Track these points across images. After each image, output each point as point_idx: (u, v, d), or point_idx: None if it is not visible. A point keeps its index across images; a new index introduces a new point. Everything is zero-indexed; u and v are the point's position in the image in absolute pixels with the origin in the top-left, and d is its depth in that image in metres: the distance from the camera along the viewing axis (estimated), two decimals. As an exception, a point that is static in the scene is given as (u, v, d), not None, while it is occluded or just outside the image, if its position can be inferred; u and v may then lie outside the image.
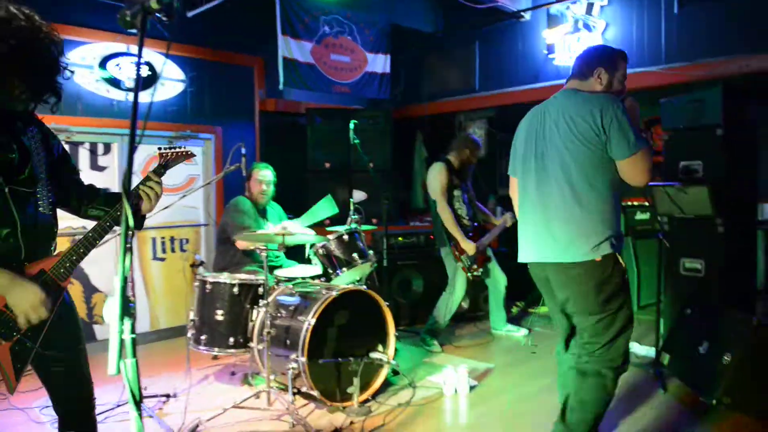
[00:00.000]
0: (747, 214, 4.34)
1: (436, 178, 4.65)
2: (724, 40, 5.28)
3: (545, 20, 6.27)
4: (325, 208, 4.29)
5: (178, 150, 2.17)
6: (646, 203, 5.44)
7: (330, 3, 6.01)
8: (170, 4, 1.58)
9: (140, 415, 1.43)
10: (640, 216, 5.67)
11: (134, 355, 1.47)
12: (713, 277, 4.06)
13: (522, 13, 6.42)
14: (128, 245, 1.52)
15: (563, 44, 6.11)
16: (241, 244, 4.19)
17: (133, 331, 1.45)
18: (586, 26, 5.98)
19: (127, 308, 1.41)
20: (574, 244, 2.47)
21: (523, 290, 5.73)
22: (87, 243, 1.94)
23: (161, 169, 2.10)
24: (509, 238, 5.39)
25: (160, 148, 2.16)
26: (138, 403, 1.43)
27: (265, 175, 4.39)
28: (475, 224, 4.87)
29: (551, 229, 2.53)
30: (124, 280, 1.44)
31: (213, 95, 5.80)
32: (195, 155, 3.26)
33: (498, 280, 4.90)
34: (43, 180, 1.94)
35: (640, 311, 5.47)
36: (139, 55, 1.54)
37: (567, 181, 2.49)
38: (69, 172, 2.11)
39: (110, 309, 1.39)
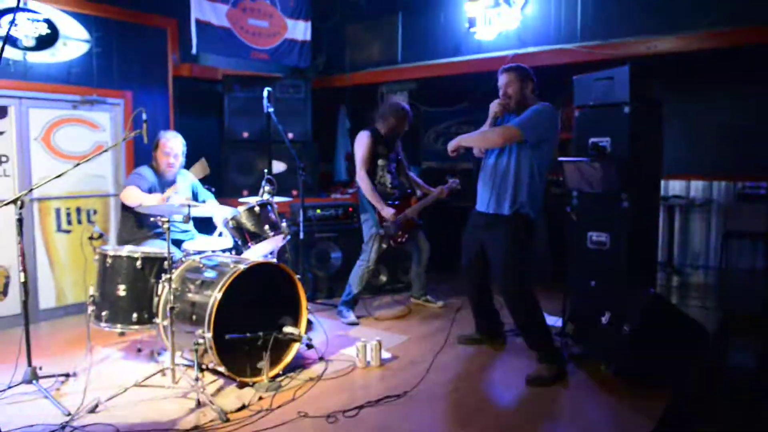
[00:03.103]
0: (651, 190, 4.52)
1: (358, 146, 4.61)
2: (633, 21, 5.44)
3: (467, -7, 6.26)
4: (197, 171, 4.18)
5: None
6: (559, 178, 5.59)
7: (248, -36, 5.78)
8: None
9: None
10: (554, 190, 5.84)
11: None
12: (618, 250, 4.22)
13: (445, -15, 6.38)
14: (17, 217, 1.39)
15: (484, 18, 6.13)
16: (124, 195, 3.96)
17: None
18: (507, 1, 6.01)
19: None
20: None
21: (447, 261, 5.82)
22: None
23: None
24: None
25: None
26: None
27: (172, 147, 4.15)
28: (408, 191, 4.85)
29: None
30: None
31: (122, 58, 5.47)
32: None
33: (422, 249, 4.93)
34: None
35: (550, 282, 5.66)
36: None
37: None
38: None
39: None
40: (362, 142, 4.59)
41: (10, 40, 4.69)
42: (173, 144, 4.16)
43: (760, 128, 6.08)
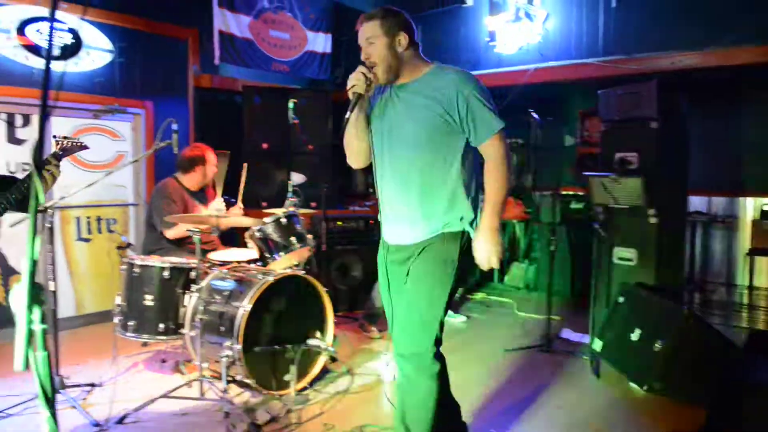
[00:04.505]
0: (678, 206, 4.49)
1: None
2: (657, 36, 5.43)
3: (487, 7, 6.27)
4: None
5: (74, 141, 2.25)
6: (581, 193, 5.56)
7: (271, -24, 5.82)
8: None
9: (53, 414, 1.29)
10: (575, 205, 5.81)
11: (45, 347, 1.32)
12: (645, 266, 4.18)
13: (465, -1, 6.40)
14: (48, 225, 1.38)
15: (504, 32, 6.14)
16: (170, 233, 4.00)
17: (43, 320, 1.30)
18: (528, 15, 6.02)
19: (37, 295, 1.26)
20: None
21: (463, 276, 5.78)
22: None
23: (60, 154, 2.24)
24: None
25: (55, 137, 2.24)
26: (50, 400, 1.29)
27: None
28: None
29: None
30: (33, 264, 1.28)
31: (144, 68, 5.49)
32: (89, 148, 3.20)
33: None
34: None
35: (573, 298, 5.61)
36: (52, 16, 1.38)
37: None
38: None
39: (17, 297, 1.24)
40: None
41: (35, 50, 4.72)
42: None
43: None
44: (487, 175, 2.32)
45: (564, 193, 5.64)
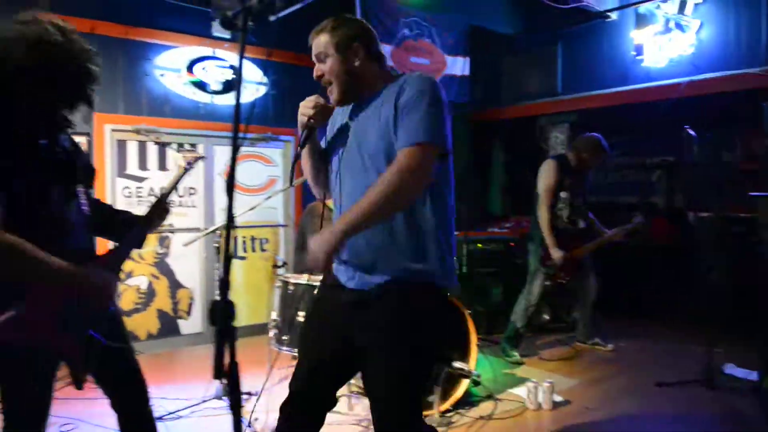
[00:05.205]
0: None
1: (542, 175, 4.47)
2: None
3: (633, 20, 6.02)
4: None
5: (195, 155, 2.35)
6: (744, 215, 5.10)
7: (410, 5, 5.98)
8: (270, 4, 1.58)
9: (239, 419, 1.41)
10: (737, 228, 5.33)
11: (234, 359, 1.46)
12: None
13: (608, 13, 6.18)
14: (216, 245, 1.53)
15: (653, 45, 5.85)
16: None
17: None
18: (679, 26, 5.69)
19: (231, 311, 1.40)
20: None
21: (614, 302, 5.49)
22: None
23: (186, 169, 2.29)
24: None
25: (180, 149, 2.28)
26: (238, 407, 1.42)
27: None
28: (582, 226, 4.59)
29: None
30: (226, 283, 1.43)
31: (293, 98, 5.86)
32: (205, 157, 3.31)
33: (588, 290, 4.66)
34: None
35: (736, 329, 5.12)
36: (241, 56, 1.53)
37: None
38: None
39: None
40: (548, 172, 4.44)
41: (200, 85, 5.21)
42: None
43: None
44: (377, 181, 1.77)
45: (725, 215, 5.19)
